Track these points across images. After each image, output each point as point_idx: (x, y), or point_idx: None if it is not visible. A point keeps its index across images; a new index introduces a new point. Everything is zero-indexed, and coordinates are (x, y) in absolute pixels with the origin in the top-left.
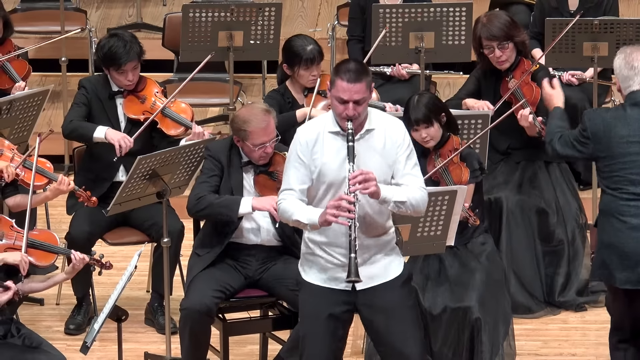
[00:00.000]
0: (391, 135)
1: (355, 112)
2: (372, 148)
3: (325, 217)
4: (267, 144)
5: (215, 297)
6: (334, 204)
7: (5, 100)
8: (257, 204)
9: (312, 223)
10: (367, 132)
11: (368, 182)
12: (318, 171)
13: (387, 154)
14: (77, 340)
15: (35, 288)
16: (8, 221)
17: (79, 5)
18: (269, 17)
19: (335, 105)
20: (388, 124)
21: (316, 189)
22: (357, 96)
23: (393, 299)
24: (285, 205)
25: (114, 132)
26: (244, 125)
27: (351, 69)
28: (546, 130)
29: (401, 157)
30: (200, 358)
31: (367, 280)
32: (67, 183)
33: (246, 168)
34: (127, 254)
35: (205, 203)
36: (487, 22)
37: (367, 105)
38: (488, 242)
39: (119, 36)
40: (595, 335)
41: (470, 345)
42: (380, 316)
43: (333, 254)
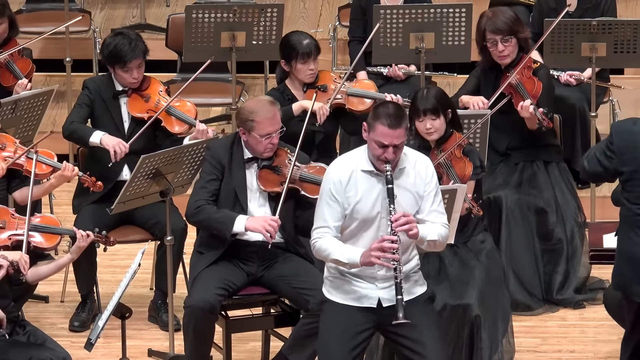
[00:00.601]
0: (419, 171)
1: (394, 156)
2: (402, 186)
3: (370, 259)
4: (273, 135)
5: (218, 294)
6: (377, 246)
7: (10, 100)
8: (250, 224)
9: (353, 262)
10: (399, 171)
11: (410, 224)
12: (351, 209)
13: (416, 190)
14: (82, 337)
15: (41, 273)
16: (8, 210)
17: (84, 6)
18: (271, 17)
19: (374, 148)
20: (417, 160)
21: (348, 225)
22: (397, 141)
23: (417, 313)
24: (321, 244)
25: (110, 137)
26: (251, 115)
27: (391, 113)
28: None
29: (429, 194)
30: (203, 355)
31: (392, 298)
32: (71, 169)
33: (249, 164)
34: (131, 252)
35: (203, 215)
36: (493, 16)
37: (403, 148)
38: (487, 241)
39: (124, 34)
40: (594, 332)
41: (469, 342)
42: (407, 331)
43: (360, 282)
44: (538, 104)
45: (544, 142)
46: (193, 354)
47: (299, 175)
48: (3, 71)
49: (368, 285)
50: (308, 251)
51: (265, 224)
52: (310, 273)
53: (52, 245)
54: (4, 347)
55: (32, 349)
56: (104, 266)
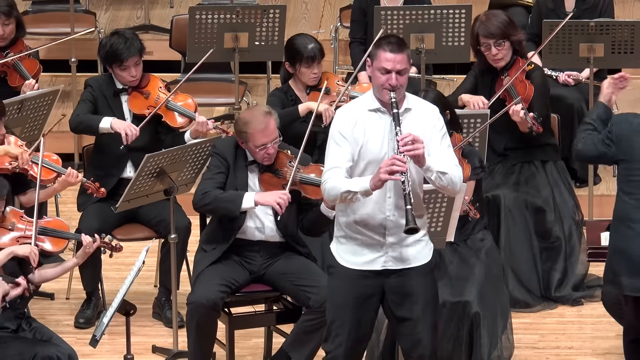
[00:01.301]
0: (427, 116)
1: (398, 83)
2: (409, 127)
3: (380, 177)
4: (267, 145)
5: (220, 291)
6: (387, 162)
7: (17, 100)
8: (260, 198)
9: (364, 189)
10: (405, 110)
11: (417, 144)
12: (359, 149)
13: (423, 134)
14: (87, 333)
15: (47, 276)
16: (18, 212)
17: (89, 8)
18: (274, 19)
19: (378, 77)
20: (424, 106)
21: (356, 167)
22: (399, 66)
23: (419, 286)
24: (331, 183)
25: (119, 121)
26: (245, 127)
27: (393, 41)
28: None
29: (436, 137)
30: (206, 351)
31: (398, 262)
32: (75, 175)
33: (251, 167)
34: (136, 250)
35: (210, 198)
36: (486, 20)
37: (407, 77)
38: (487, 239)
39: (120, 34)
40: (592, 328)
41: (469, 338)
42: (404, 300)
43: (368, 234)
44: (530, 108)
45: (541, 141)
46: (196, 350)
47: (299, 177)
48: (11, 72)
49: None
50: (309, 251)
51: (275, 197)
52: (311, 271)
53: (59, 249)
54: (11, 343)
55: (38, 345)
56: (108, 264)
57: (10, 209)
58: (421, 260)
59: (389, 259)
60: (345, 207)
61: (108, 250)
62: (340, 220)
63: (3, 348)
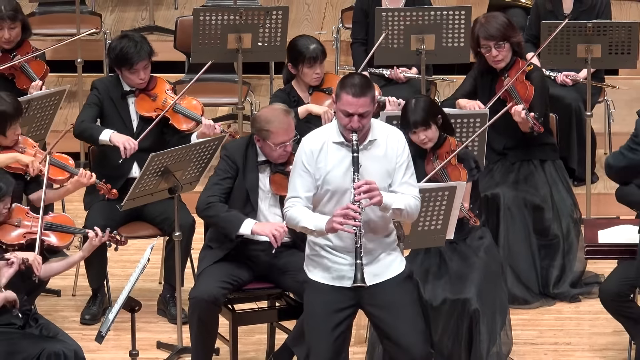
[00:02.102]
0: (391, 144)
1: (360, 125)
2: (374, 157)
3: (332, 225)
4: (287, 143)
5: (222, 287)
6: (340, 212)
7: (24, 100)
8: (258, 229)
9: (319, 230)
10: (370, 142)
11: (372, 192)
12: (322, 179)
13: (387, 162)
14: (93, 329)
15: (53, 270)
16: (23, 208)
17: (94, 9)
18: (277, 20)
19: (341, 118)
20: (389, 134)
21: (320, 197)
22: (361, 109)
23: (395, 295)
24: (292, 213)
25: (118, 135)
26: (267, 125)
27: (356, 83)
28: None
29: (400, 166)
30: (208, 346)
31: (371, 278)
32: (88, 176)
33: (262, 167)
34: (141, 247)
35: (213, 212)
36: (485, 22)
37: (370, 117)
38: (486, 237)
39: (130, 37)
40: (589, 325)
41: (469, 335)
42: (384, 312)
43: (338, 255)
44: (531, 108)
45: (539, 141)
46: (198, 344)
47: None
48: (18, 74)
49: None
50: None
51: (272, 229)
52: None
53: (65, 243)
54: (18, 340)
55: (45, 342)
56: (114, 261)
57: (15, 206)
58: (393, 272)
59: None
60: None
61: (113, 244)
62: (309, 238)
63: (10, 344)
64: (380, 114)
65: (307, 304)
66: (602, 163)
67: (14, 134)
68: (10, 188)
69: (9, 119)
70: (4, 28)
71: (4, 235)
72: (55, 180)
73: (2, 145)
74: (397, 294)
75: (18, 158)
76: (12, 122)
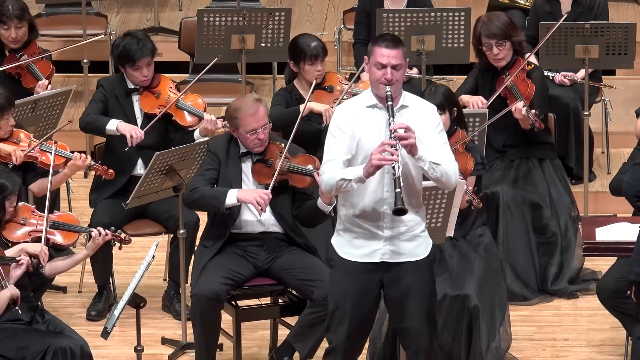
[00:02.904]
0: (424, 114)
1: (393, 77)
2: (404, 122)
3: (371, 162)
4: (258, 130)
5: (224, 283)
6: (377, 149)
7: (31, 99)
8: (241, 195)
9: (358, 176)
10: (401, 107)
11: (409, 132)
12: (356, 143)
13: (419, 131)
14: (98, 325)
15: (58, 268)
16: (29, 207)
17: (100, 10)
18: (279, 21)
19: (374, 72)
20: (421, 104)
21: (354, 161)
22: (394, 61)
23: (416, 281)
24: (328, 174)
25: (125, 124)
26: (235, 113)
27: (388, 38)
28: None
29: (432, 134)
30: (211, 341)
31: (395, 255)
32: (83, 159)
33: (244, 158)
34: (146, 245)
35: (197, 194)
36: (488, 21)
37: (403, 75)
38: (486, 234)
39: (132, 35)
40: (587, 321)
41: (468, 331)
42: (402, 294)
43: (367, 227)
44: (531, 105)
45: (538, 139)
46: (201, 340)
47: (287, 166)
48: (25, 73)
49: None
50: (307, 241)
51: (256, 195)
52: (314, 266)
53: (70, 242)
54: (24, 335)
55: (51, 337)
56: (119, 258)
57: (21, 204)
58: (418, 256)
59: (386, 251)
60: (345, 200)
61: (117, 243)
62: (340, 213)
63: (17, 339)
64: None
65: (332, 282)
66: (599, 162)
67: (7, 124)
68: (17, 187)
69: (1, 110)
70: (11, 27)
71: (10, 233)
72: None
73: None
74: (417, 281)
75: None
76: (4, 113)
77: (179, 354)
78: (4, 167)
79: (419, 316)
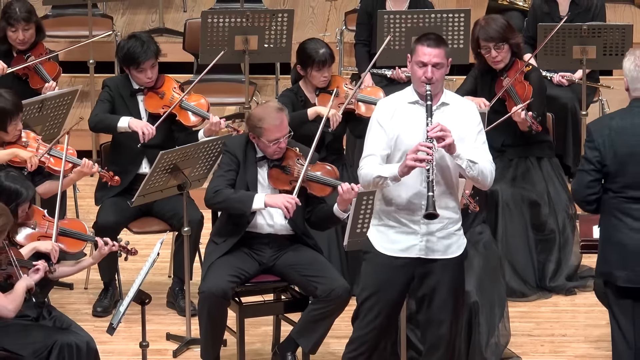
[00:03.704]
0: (464, 112)
1: (434, 76)
2: (444, 120)
3: (406, 163)
4: (280, 140)
5: (230, 281)
6: (413, 149)
7: (38, 99)
8: (270, 200)
9: (393, 175)
10: (442, 104)
11: (445, 132)
12: (396, 138)
13: (459, 127)
14: (104, 321)
15: (65, 272)
16: (40, 211)
17: (106, 12)
18: (282, 22)
19: (415, 71)
20: (462, 102)
21: (393, 157)
22: (435, 59)
23: (445, 279)
24: (365, 170)
25: (137, 120)
26: (259, 122)
27: (431, 37)
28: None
29: (472, 133)
30: (217, 337)
31: (430, 252)
32: (90, 166)
33: (260, 163)
34: (150, 242)
35: (222, 197)
36: (485, 24)
37: (444, 73)
38: (485, 232)
39: (137, 37)
40: (585, 317)
41: (468, 326)
42: (429, 291)
43: (404, 222)
44: (529, 107)
45: (536, 139)
46: (207, 336)
47: (309, 176)
48: (32, 74)
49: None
50: (316, 242)
51: (284, 200)
52: (318, 262)
53: (77, 250)
54: (32, 331)
55: (58, 333)
56: None
57: (33, 208)
58: (452, 253)
59: (422, 247)
60: (383, 196)
61: (124, 254)
62: (378, 208)
63: (24, 335)
64: None
65: (366, 275)
66: None
67: (15, 129)
68: (31, 192)
69: (9, 115)
70: (19, 29)
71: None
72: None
73: (5, 141)
74: (446, 279)
75: (17, 153)
76: (12, 118)
77: (184, 349)
78: (19, 173)
79: (444, 309)
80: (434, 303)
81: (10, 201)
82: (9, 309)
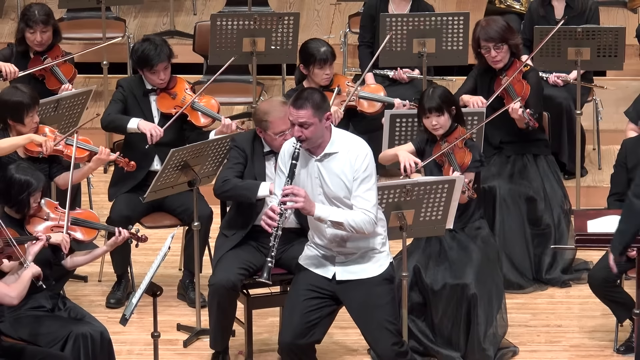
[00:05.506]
0: (352, 158)
1: (301, 134)
2: (332, 170)
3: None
4: (286, 132)
5: (239, 274)
6: (266, 211)
7: (53, 99)
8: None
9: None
10: (326, 155)
11: (296, 197)
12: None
13: (345, 176)
14: (117, 313)
15: (79, 262)
16: (53, 203)
17: (119, 15)
18: (288, 25)
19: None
20: (351, 148)
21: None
22: (300, 120)
23: (364, 296)
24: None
25: (146, 122)
26: (265, 116)
27: (300, 96)
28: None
29: (355, 180)
30: (226, 328)
31: (344, 274)
32: (107, 153)
33: (268, 156)
34: (162, 236)
35: (230, 185)
36: (486, 25)
37: (315, 130)
38: (483, 227)
39: (151, 40)
40: (579, 308)
41: (467, 317)
42: (355, 309)
43: (319, 244)
44: (527, 105)
45: (533, 137)
46: (217, 327)
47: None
48: (48, 75)
49: (327, 262)
50: None
51: None
52: None
53: (90, 238)
54: (47, 322)
55: (73, 324)
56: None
57: (45, 201)
58: (371, 273)
59: (339, 270)
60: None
61: (135, 241)
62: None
63: (40, 325)
64: (386, 112)
65: (292, 282)
66: (591, 158)
67: (32, 122)
68: (41, 184)
69: (26, 108)
70: (37, 31)
71: (33, 228)
72: (76, 158)
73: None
74: (366, 296)
75: (32, 138)
76: (29, 111)
77: (194, 339)
78: (30, 164)
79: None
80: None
81: (21, 192)
82: (12, 296)
